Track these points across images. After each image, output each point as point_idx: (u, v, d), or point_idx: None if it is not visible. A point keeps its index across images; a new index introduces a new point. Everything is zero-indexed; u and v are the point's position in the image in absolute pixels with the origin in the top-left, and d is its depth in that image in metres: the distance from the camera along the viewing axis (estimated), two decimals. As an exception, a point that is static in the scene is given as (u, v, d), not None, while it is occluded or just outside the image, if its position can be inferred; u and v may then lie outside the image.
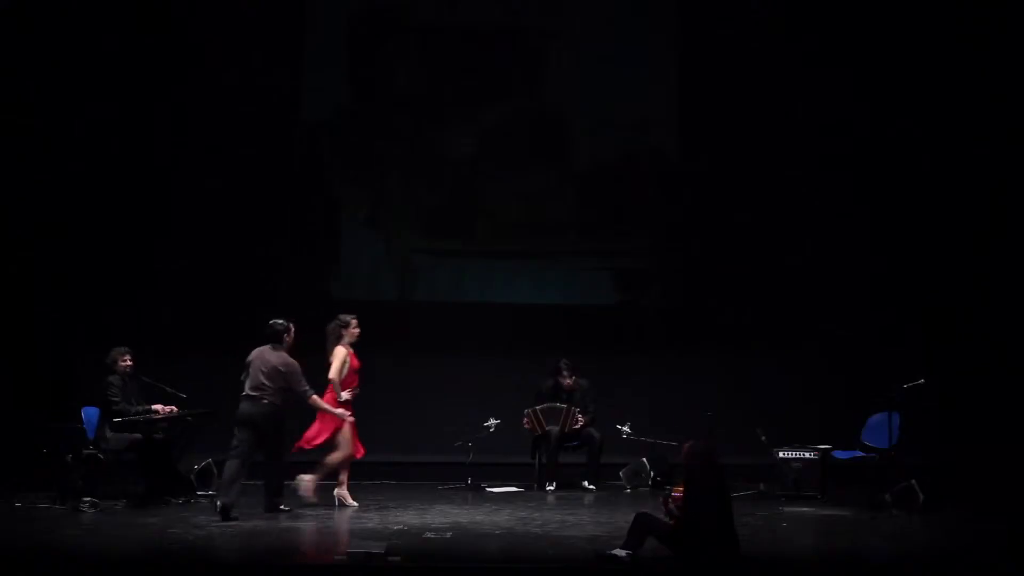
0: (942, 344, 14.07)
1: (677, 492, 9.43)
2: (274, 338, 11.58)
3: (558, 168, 15.22)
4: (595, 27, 15.11)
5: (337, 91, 15.28)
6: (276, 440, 11.50)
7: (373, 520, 11.33)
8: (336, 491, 12.05)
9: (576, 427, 13.38)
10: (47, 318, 14.52)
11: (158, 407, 12.47)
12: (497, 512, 11.86)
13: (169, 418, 12.55)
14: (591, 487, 13.38)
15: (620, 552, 9.34)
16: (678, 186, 15.04)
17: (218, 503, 11.22)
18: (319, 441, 11.95)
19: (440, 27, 15.20)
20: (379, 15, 15.29)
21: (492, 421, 13.58)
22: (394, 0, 15.33)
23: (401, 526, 11.00)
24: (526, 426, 13.52)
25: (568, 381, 13.56)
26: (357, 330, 12.19)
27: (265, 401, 11.38)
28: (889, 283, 14.49)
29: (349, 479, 12.16)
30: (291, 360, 11.52)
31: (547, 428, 13.46)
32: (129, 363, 12.49)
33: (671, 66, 15.09)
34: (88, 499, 11.80)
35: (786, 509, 12.11)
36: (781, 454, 12.87)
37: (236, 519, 11.03)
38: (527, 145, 15.20)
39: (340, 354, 11.99)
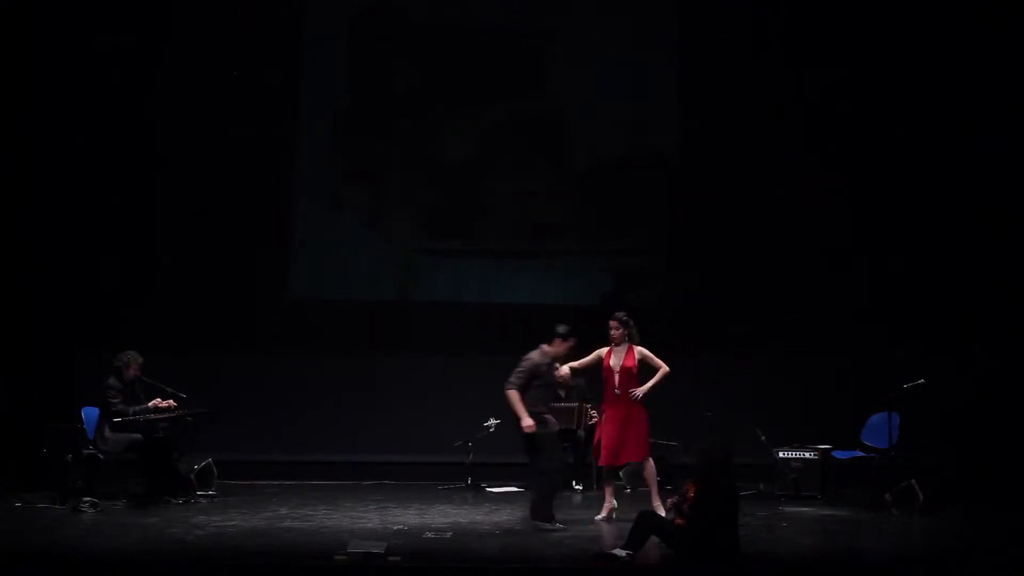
0: (942, 344, 14.07)
1: (691, 492, 9.44)
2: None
3: (558, 168, 15.21)
4: (595, 27, 15.09)
5: (337, 91, 15.27)
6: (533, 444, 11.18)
7: (373, 520, 11.34)
8: None
9: (592, 422, 13.35)
10: (47, 318, 14.52)
11: (156, 401, 12.49)
12: (497, 512, 11.87)
13: (169, 418, 12.55)
14: (578, 486, 13.37)
15: (620, 552, 9.34)
16: (678, 186, 15.03)
17: None
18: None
19: (440, 27, 15.19)
20: (379, 15, 15.28)
21: (492, 421, 13.58)
22: (394, 0, 15.32)
23: (401, 526, 11.01)
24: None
25: (559, 370, 13.55)
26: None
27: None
28: (889, 283, 14.48)
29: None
30: (528, 358, 11.22)
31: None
32: (139, 374, 12.49)
33: (671, 66, 15.08)
34: (88, 499, 11.81)
35: (786, 509, 12.12)
36: (781, 454, 12.88)
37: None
38: (527, 145, 15.19)
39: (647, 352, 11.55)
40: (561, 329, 11.35)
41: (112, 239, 14.69)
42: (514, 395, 11.11)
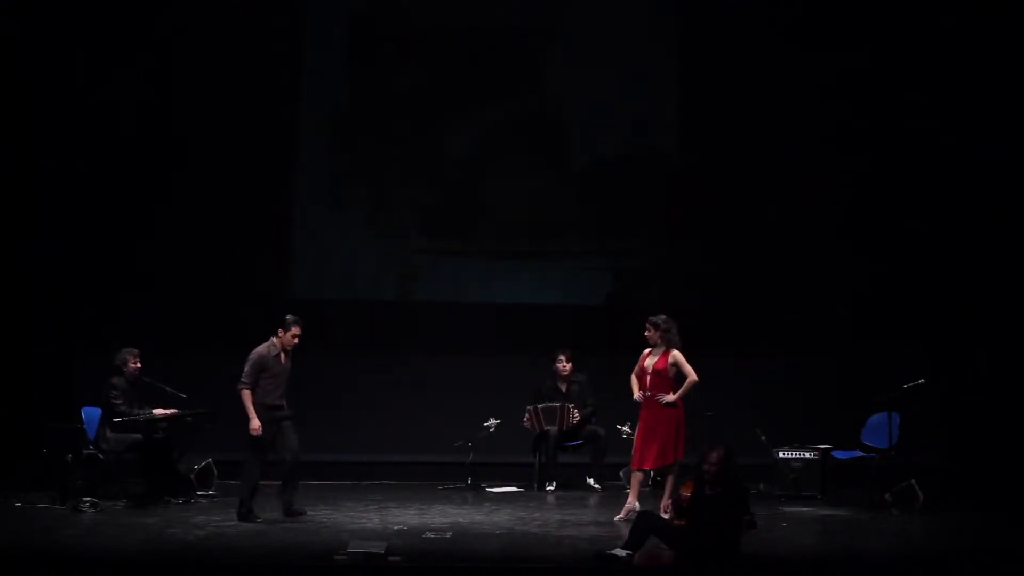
0: (942, 344, 14.07)
1: (686, 492, 9.44)
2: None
3: (558, 168, 15.22)
4: (595, 27, 15.09)
5: (337, 92, 15.27)
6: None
7: (373, 520, 11.33)
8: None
9: (574, 422, 13.40)
10: (47, 318, 14.51)
11: (159, 411, 12.49)
12: (497, 512, 11.87)
13: (169, 418, 12.56)
14: (596, 486, 13.37)
15: (620, 552, 9.34)
16: (678, 186, 15.03)
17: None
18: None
19: (440, 27, 15.18)
20: (379, 15, 15.28)
21: (492, 421, 13.59)
22: (394, 0, 15.32)
23: (401, 526, 11.00)
24: (526, 423, 13.54)
25: (563, 366, 13.59)
26: None
27: None
28: (889, 283, 14.49)
29: None
30: (253, 352, 11.37)
31: (545, 428, 13.49)
32: (138, 365, 12.51)
33: (671, 66, 15.08)
34: (88, 499, 11.80)
35: (786, 509, 12.12)
36: (781, 454, 12.88)
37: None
38: (527, 145, 15.19)
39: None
40: (288, 317, 11.45)
41: (112, 239, 14.68)
42: (246, 395, 11.23)
